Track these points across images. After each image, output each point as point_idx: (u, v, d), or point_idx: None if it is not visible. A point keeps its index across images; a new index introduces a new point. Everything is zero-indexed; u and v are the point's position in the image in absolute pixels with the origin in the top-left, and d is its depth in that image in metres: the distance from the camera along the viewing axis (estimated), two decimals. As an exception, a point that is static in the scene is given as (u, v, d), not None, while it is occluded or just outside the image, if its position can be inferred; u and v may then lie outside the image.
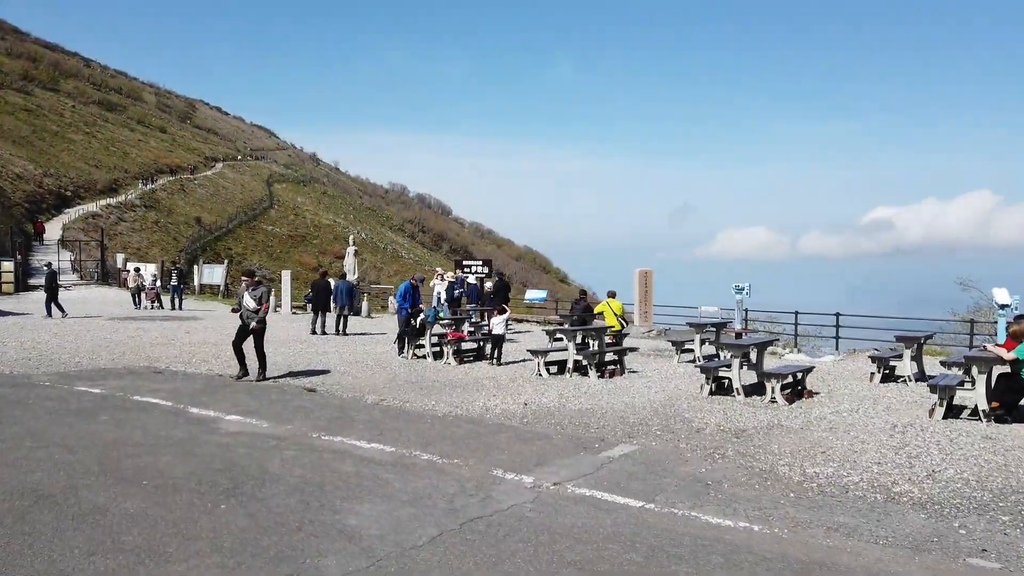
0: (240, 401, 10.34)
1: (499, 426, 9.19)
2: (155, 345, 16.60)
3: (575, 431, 8.99)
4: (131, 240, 56.42)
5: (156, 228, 62.71)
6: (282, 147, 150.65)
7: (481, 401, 10.79)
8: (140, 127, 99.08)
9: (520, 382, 12.56)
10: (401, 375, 13.15)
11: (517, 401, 10.82)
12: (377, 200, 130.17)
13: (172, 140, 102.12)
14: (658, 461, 7.63)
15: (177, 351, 15.67)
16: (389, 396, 11.08)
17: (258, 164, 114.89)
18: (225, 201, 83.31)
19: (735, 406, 10.53)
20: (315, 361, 14.62)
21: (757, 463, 7.61)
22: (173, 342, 17.23)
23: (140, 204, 66.06)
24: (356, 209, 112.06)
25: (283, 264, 70.98)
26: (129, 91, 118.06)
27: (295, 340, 18.26)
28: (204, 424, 8.87)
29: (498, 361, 14.21)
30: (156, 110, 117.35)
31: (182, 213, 71.06)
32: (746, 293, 17.91)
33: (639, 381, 12.77)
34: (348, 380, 12.50)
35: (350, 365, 14.18)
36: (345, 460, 7.39)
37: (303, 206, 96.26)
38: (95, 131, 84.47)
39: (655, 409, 10.32)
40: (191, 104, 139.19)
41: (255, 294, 12.21)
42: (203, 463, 7.12)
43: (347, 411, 9.87)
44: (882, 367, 12.72)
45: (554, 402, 10.78)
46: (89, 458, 7.19)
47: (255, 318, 12.16)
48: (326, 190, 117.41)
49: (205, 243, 63.74)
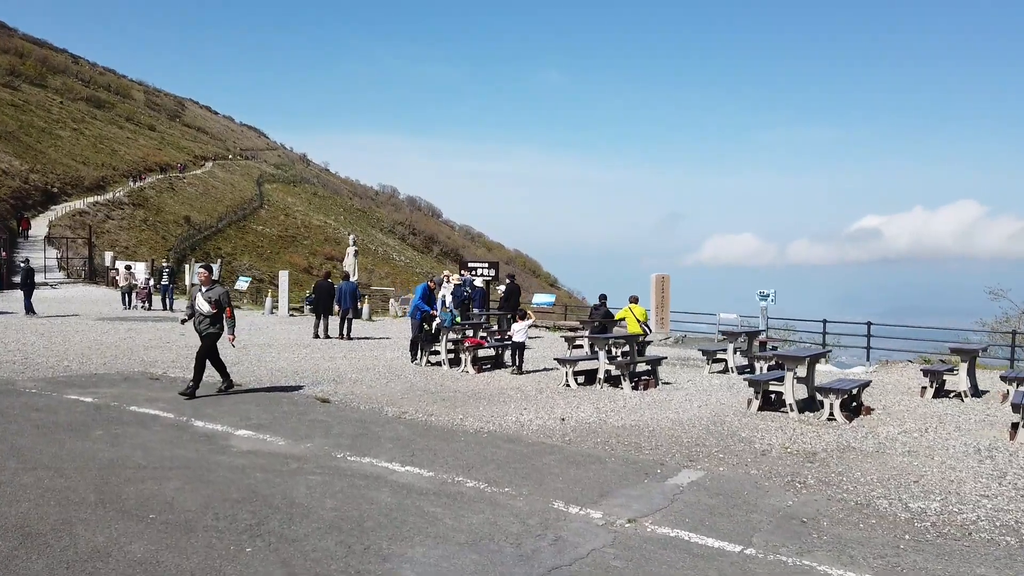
0: (249, 413, 9.31)
1: (541, 446, 8.21)
2: (149, 348, 15.50)
3: (627, 452, 8.03)
4: (119, 238, 55.01)
5: (144, 226, 61.27)
6: (272, 147, 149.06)
7: (513, 415, 9.81)
8: (129, 124, 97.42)
9: (548, 393, 11.59)
10: (418, 384, 12.14)
11: (552, 415, 9.85)
12: (367, 202, 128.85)
13: (161, 138, 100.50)
14: (735, 491, 6.67)
15: (173, 355, 14.58)
16: (410, 408, 10.08)
17: (248, 164, 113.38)
18: (215, 200, 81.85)
19: (791, 424, 9.61)
20: (322, 368, 13.59)
21: (848, 494, 6.68)
22: (168, 345, 16.14)
23: (128, 202, 64.60)
24: (347, 210, 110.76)
25: (273, 265, 69.79)
26: (118, 88, 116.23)
27: (298, 344, 17.20)
28: (212, 441, 7.84)
29: (519, 370, 13.24)
30: (145, 108, 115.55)
31: (171, 212, 69.61)
32: (771, 300, 17.03)
33: (676, 394, 11.82)
34: (362, 390, 11.49)
35: (361, 372, 13.16)
36: (381, 488, 6.39)
37: (293, 206, 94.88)
38: (83, 128, 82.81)
39: (706, 427, 9.38)
40: (180, 103, 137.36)
41: (210, 294, 10.17)
42: (218, 491, 6.10)
43: (369, 426, 8.87)
44: (935, 381, 11.86)
45: (593, 417, 9.82)
46: (84, 484, 6.16)
47: (211, 329, 10.16)
48: (316, 191, 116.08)
49: (194, 242, 62.37)
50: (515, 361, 13.31)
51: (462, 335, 14.12)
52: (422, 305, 14.02)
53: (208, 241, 66.24)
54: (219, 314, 10.25)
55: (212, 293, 10.21)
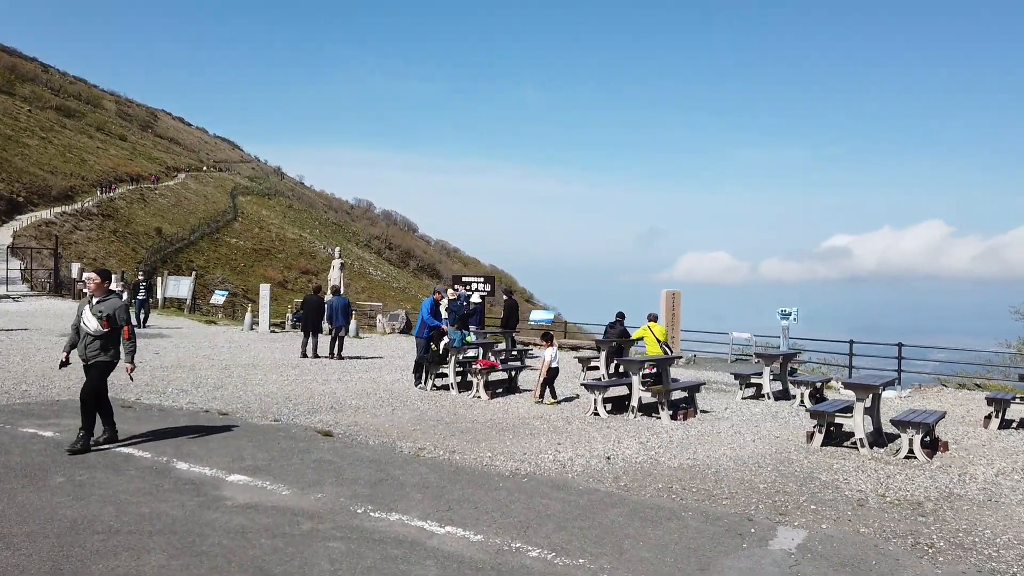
0: (241, 451, 7.82)
1: (596, 494, 6.84)
2: (119, 369, 13.85)
3: (701, 503, 6.69)
4: (87, 249, 52.72)
5: (114, 238, 58.94)
6: (246, 160, 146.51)
7: (549, 452, 8.43)
8: (99, 134, 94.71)
9: (578, 424, 10.21)
10: (429, 413, 10.70)
11: (593, 453, 8.48)
12: (343, 215, 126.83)
13: (133, 148, 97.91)
14: (859, 560, 5.36)
15: (147, 376, 12.98)
16: (428, 443, 8.66)
17: (222, 176, 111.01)
18: (187, 212, 79.53)
19: (867, 463, 8.35)
20: (317, 393, 12.09)
21: (995, 562, 5.40)
22: (141, 365, 14.46)
23: (98, 212, 62.24)
24: (322, 224, 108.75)
25: (247, 278, 67.68)
26: (89, 98, 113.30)
27: (285, 365, 15.63)
28: (200, 490, 6.35)
29: (554, 398, 11.81)
30: (116, 118, 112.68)
31: (142, 223, 67.27)
32: (793, 319, 15.86)
33: (721, 425, 10.50)
34: (367, 419, 10.03)
35: (361, 398, 11.68)
36: (423, 560, 4.98)
37: (268, 219, 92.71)
38: (52, 136, 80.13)
39: (774, 467, 8.07)
40: (153, 113, 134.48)
41: (101, 308, 7.55)
42: (215, 569, 4.64)
43: (386, 468, 7.43)
44: (999, 410, 10.70)
45: (641, 455, 8.46)
46: (38, 560, 4.67)
47: (101, 356, 7.62)
48: (291, 204, 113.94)
49: (166, 255, 60.19)
50: (549, 391, 11.86)
51: (473, 356, 12.70)
52: (430, 321, 12.58)
53: (180, 254, 64.03)
54: (113, 335, 7.66)
55: (105, 306, 7.56)
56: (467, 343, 12.43)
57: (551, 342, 12.42)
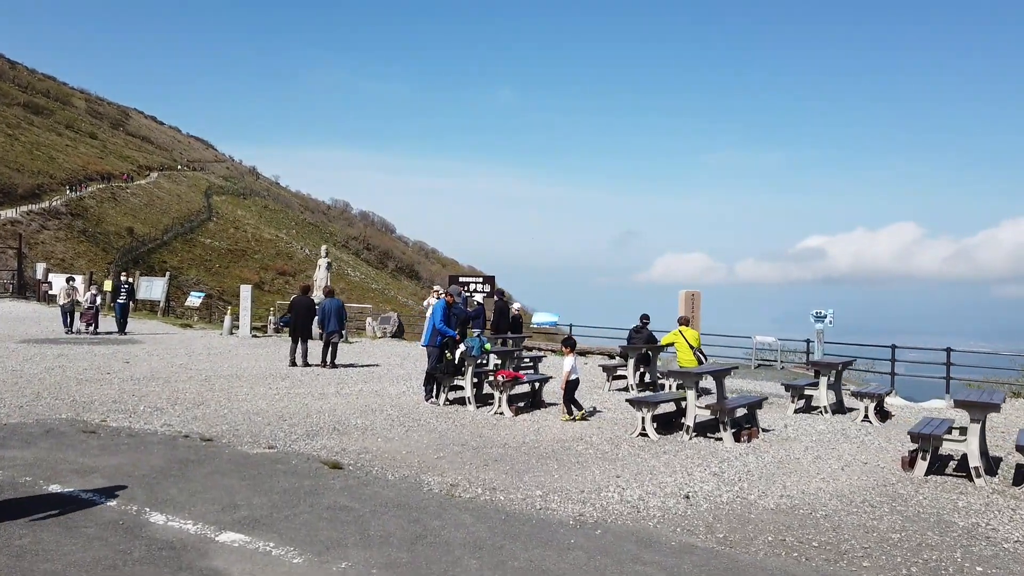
0: (233, 494, 6.14)
1: (699, 554, 5.27)
2: (84, 382, 12.05)
3: (835, 565, 5.15)
4: (54, 250, 50.20)
5: (83, 238, 56.31)
6: (220, 159, 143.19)
7: (611, 489, 6.84)
8: (69, 132, 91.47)
9: (627, 448, 8.63)
10: (450, 435, 9.06)
11: (662, 488, 6.92)
12: (319, 216, 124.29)
13: (103, 146, 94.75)
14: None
15: (116, 391, 11.19)
16: (459, 477, 7.04)
17: (196, 175, 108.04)
18: (160, 212, 76.86)
19: (995, 499, 6.87)
20: (315, 410, 10.38)
21: None
22: (109, 377, 12.68)
23: (66, 211, 59.54)
24: (299, 224, 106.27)
25: (223, 279, 65.31)
26: (58, 95, 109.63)
27: (273, 375, 13.85)
28: (184, 561, 4.68)
29: (580, 411, 10.25)
30: (87, 116, 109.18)
31: (112, 223, 64.63)
32: (828, 322, 14.43)
33: (794, 448, 8.96)
34: (379, 444, 8.38)
35: (367, 416, 10.00)
36: None
37: (243, 219, 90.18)
38: (18, 133, 77.04)
39: (891, 507, 6.55)
40: (124, 111, 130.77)
41: None
42: None
43: (419, 516, 5.80)
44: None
45: (722, 491, 6.90)
46: None
47: None
48: (267, 204, 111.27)
49: (138, 255, 57.70)
50: (574, 404, 10.28)
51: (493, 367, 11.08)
52: (444, 328, 10.91)
53: (152, 254, 61.56)
54: None
55: None
56: (486, 351, 10.80)
57: (573, 349, 10.83)
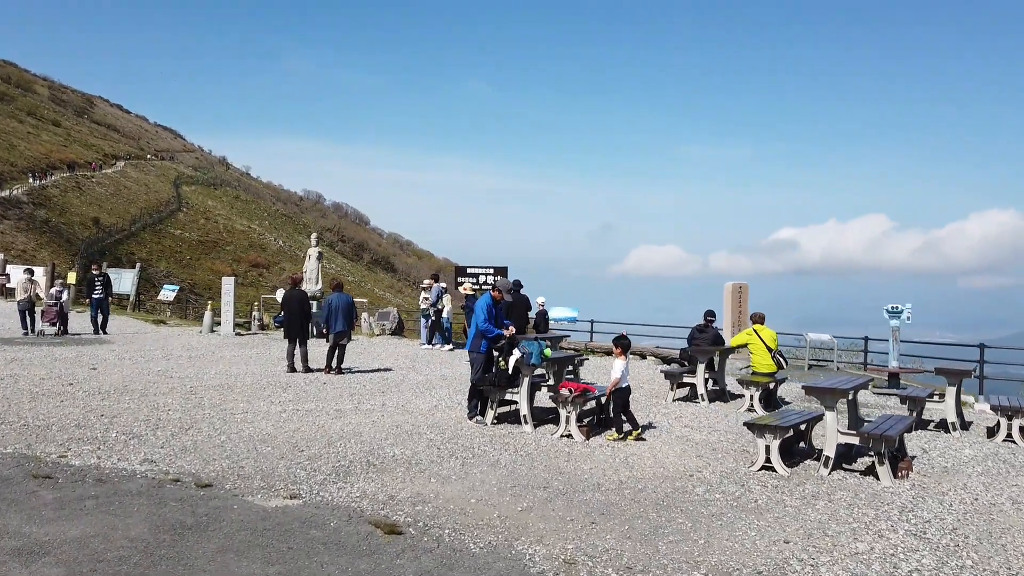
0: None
1: None
2: (40, 396, 9.63)
3: None
4: (15, 241, 46.83)
5: (46, 228, 52.82)
6: (189, 149, 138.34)
7: (796, 566, 4.75)
8: (30, 119, 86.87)
9: (760, 489, 6.52)
10: (520, 471, 6.88)
11: (864, 564, 4.85)
12: (292, 208, 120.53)
13: (67, 135, 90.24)
14: None
15: (79, 410, 8.82)
16: (568, 546, 4.91)
17: (164, 164, 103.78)
18: (127, 202, 73.11)
19: None
20: (334, 432, 8.12)
21: None
22: (71, 390, 10.26)
23: (28, 201, 55.92)
24: (271, 216, 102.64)
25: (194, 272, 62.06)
26: (19, 82, 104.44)
27: (272, 385, 11.47)
28: None
29: (636, 430, 8.15)
30: (50, 103, 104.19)
31: (77, 213, 61.02)
32: (906, 318, 12.53)
33: (970, 484, 6.91)
34: (435, 488, 6.19)
35: (403, 442, 7.77)
36: None
37: (214, 210, 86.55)
38: (-24, 120, 72.64)
39: None
40: (89, 99, 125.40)
41: None
42: None
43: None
44: None
45: (950, 566, 4.86)
46: None
47: None
48: (239, 195, 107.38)
49: (104, 247, 54.31)
50: (627, 420, 8.19)
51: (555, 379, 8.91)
52: (489, 329, 8.68)
53: (120, 245, 58.14)
54: None
55: None
56: (546, 358, 8.63)
57: (626, 351, 8.68)
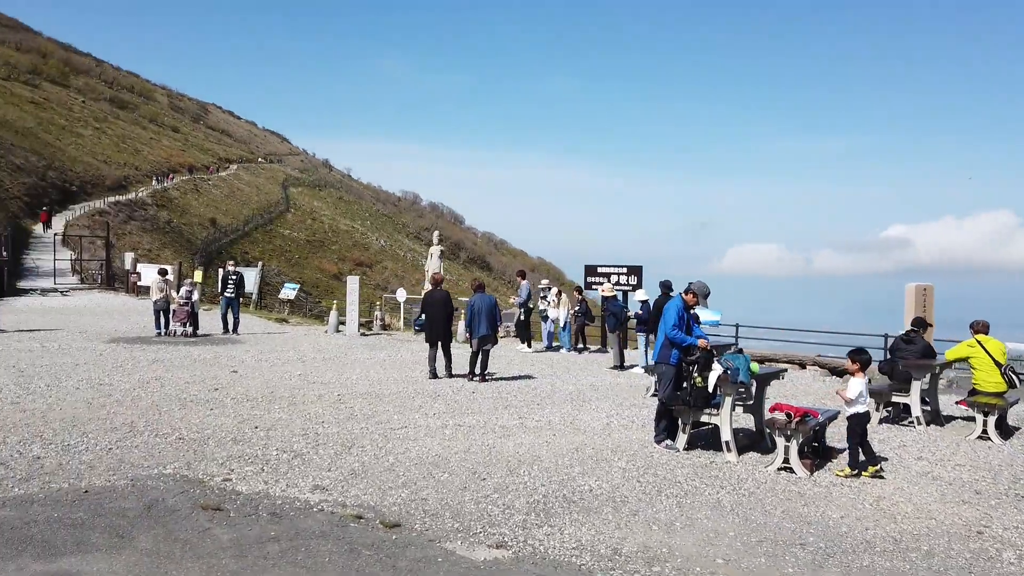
0: None
1: None
2: (189, 403, 9.02)
3: None
4: (141, 240, 48.68)
5: (168, 228, 54.93)
6: (295, 152, 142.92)
7: None
8: (152, 126, 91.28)
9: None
10: (754, 517, 5.60)
11: None
12: (390, 207, 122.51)
13: (185, 140, 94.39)
14: None
15: (232, 420, 8.11)
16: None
17: (273, 167, 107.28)
18: (241, 203, 75.59)
19: None
20: (510, 455, 7.03)
21: None
22: (218, 396, 9.63)
23: (152, 203, 58.32)
24: (372, 215, 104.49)
25: (302, 270, 63.38)
26: (141, 91, 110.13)
27: (420, 393, 10.52)
28: None
29: (873, 465, 6.71)
30: (168, 110, 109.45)
31: (195, 214, 63.36)
32: None
33: None
34: (660, 539, 5.00)
35: (596, 472, 6.60)
36: None
37: (320, 210, 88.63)
38: (105, 127, 76.68)
39: None
40: (203, 106, 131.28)
41: None
42: None
43: None
44: None
45: None
46: None
47: None
48: (342, 195, 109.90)
49: (220, 246, 56.02)
50: (864, 452, 6.77)
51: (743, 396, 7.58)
52: (682, 337, 7.39)
53: (234, 244, 59.91)
54: None
55: None
56: (754, 374, 7.31)
57: (865, 367, 7.20)
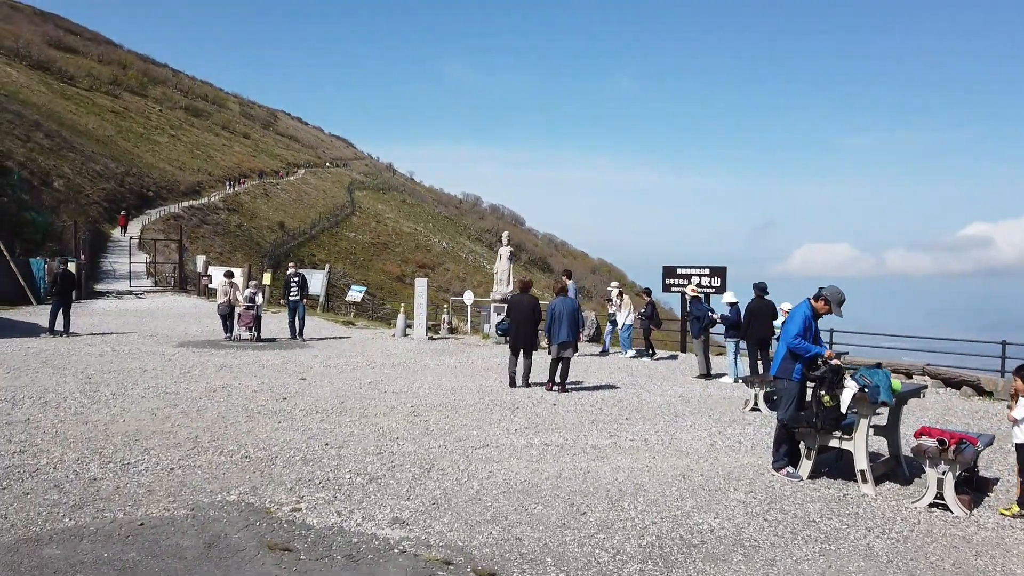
0: None
1: None
2: (255, 415, 8.41)
3: None
4: (212, 244, 49.56)
5: (239, 232, 55.88)
6: (360, 157, 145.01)
7: None
8: (224, 132, 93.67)
9: None
10: (920, 571, 4.57)
11: None
12: (452, 210, 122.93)
13: (255, 146, 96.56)
14: None
15: (300, 435, 7.43)
16: None
17: (339, 171, 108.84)
18: (308, 207, 76.68)
19: None
20: (609, 482, 6.14)
21: None
22: (285, 407, 9.01)
23: (224, 207, 59.47)
24: (434, 218, 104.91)
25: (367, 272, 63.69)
26: (214, 99, 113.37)
27: (497, 405, 9.70)
28: None
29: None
30: (240, 117, 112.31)
31: (265, 217, 64.41)
32: None
33: None
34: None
35: (711, 506, 5.66)
36: None
37: (384, 214, 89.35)
38: (180, 134, 78.90)
39: None
40: (273, 113, 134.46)
41: None
42: None
43: None
44: None
45: None
46: None
47: None
48: (405, 199, 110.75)
49: (288, 249, 56.72)
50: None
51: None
52: (806, 346, 6.33)
53: (302, 247, 60.62)
54: None
55: None
56: (896, 392, 6.24)
57: None
